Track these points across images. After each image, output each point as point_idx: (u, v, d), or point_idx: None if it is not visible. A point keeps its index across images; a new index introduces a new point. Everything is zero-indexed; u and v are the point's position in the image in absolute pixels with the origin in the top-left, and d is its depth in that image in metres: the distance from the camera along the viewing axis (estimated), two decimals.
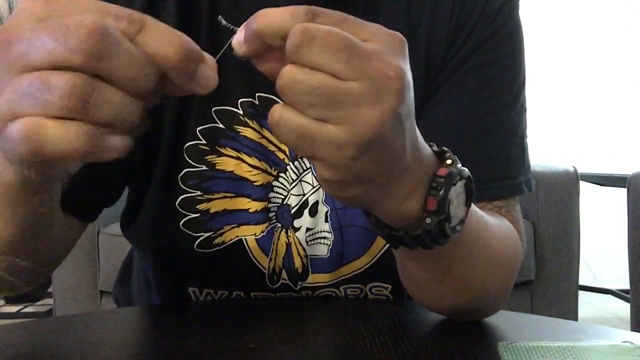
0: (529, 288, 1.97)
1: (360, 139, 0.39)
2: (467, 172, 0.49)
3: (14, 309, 2.64)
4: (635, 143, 4.04)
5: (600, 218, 3.46)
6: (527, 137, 0.72)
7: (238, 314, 0.68)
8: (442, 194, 0.47)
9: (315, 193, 0.70)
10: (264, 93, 0.68)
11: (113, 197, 0.70)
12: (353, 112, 0.39)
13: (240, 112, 0.68)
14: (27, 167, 0.40)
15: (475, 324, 0.63)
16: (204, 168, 0.68)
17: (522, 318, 0.68)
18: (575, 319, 2.00)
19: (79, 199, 0.64)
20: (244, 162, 0.68)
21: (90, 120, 0.35)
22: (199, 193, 0.68)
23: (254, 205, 0.69)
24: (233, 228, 0.69)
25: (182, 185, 0.68)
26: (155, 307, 0.77)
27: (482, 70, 0.68)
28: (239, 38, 0.41)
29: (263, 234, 0.69)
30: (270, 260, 0.70)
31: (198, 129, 0.68)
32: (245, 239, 0.69)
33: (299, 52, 0.38)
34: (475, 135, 0.68)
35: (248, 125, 0.68)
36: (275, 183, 0.69)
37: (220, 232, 0.68)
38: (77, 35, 0.34)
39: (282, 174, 0.69)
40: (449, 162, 0.48)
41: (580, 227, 1.99)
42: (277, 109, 0.40)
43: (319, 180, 0.43)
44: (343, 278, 0.71)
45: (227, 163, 0.68)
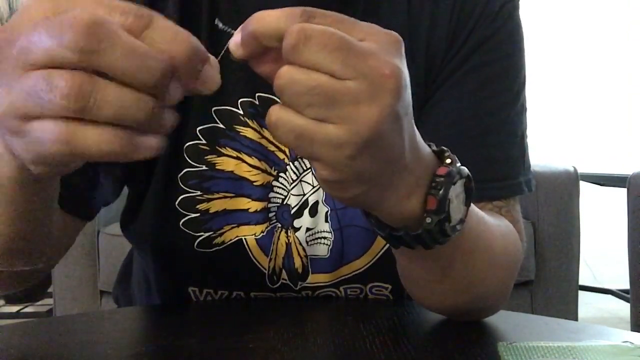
0: (529, 288, 1.97)
1: (359, 138, 0.39)
2: (466, 171, 0.49)
3: (14, 309, 2.63)
4: (635, 143, 4.04)
5: (600, 218, 3.46)
6: (527, 137, 0.72)
7: (238, 314, 0.68)
8: (442, 194, 0.47)
9: (315, 193, 0.70)
10: (264, 93, 0.68)
11: (112, 196, 0.70)
12: (350, 111, 0.39)
13: (241, 112, 0.68)
14: (44, 166, 0.39)
15: (475, 324, 0.63)
16: (204, 168, 0.68)
17: (522, 318, 0.68)
18: (575, 319, 2.00)
19: (78, 198, 0.64)
20: (244, 162, 0.68)
21: (95, 118, 0.35)
22: (199, 193, 0.68)
23: (254, 205, 0.69)
24: (233, 228, 0.69)
25: (182, 185, 0.68)
26: (155, 307, 0.77)
27: (482, 70, 0.68)
28: (236, 40, 0.41)
29: (263, 234, 0.69)
30: (270, 260, 0.70)
31: (198, 129, 0.68)
32: (245, 239, 0.69)
33: (296, 52, 0.38)
34: (475, 135, 0.68)
35: (248, 125, 0.68)
36: (275, 183, 0.69)
37: (220, 232, 0.68)
38: (71, 31, 0.34)
39: (282, 174, 0.69)
40: (449, 161, 0.48)
41: (580, 227, 1.99)
42: (274, 110, 0.40)
43: (319, 181, 0.43)
44: (343, 278, 0.71)
45: (227, 163, 0.68)
